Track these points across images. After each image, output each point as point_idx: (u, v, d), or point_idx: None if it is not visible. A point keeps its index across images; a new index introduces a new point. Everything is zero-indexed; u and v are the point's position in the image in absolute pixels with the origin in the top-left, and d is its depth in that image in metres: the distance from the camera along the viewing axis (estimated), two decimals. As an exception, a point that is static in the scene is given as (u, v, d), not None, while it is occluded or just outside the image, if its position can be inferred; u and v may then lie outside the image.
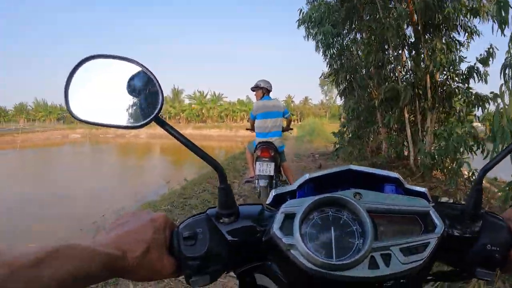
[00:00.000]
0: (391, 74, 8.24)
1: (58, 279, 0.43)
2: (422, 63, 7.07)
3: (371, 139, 10.24)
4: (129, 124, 0.60)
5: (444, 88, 7.01)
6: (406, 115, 7.43)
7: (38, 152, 37.87)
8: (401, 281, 0.54)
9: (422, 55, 7.00)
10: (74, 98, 0.59)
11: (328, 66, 10.40)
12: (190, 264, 0.60)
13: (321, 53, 10.10)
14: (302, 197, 0.68)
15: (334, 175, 0.71)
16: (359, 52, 9.20)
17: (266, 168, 5.21)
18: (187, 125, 62.44)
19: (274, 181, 5.38)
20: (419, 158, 7.03)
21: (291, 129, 6.73)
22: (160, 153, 37.74)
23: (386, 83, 7.58)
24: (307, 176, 0.71)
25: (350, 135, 10.71)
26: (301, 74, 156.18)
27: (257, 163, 5.27)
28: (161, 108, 0.57)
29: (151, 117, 0.57)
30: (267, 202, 0.73)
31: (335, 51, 9.74)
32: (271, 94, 5.89)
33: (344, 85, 10.26)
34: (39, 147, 43.48)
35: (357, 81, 8.89)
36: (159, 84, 0.59)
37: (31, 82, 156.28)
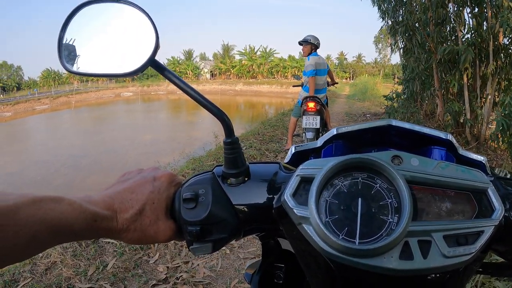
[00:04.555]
0: (451, 34, 7.51)
1: (35, 230, 0.40)
2: (485, 23, 6.34)
3: (426, 102, 9.70)
4: (124, 72, 0.54)
5: (509, 52, 6.25)
6: (465, 79, 6.81)
7: (92, 111, 40.05)
8: (439, 278, 0.42)
9: (486, 13, 6.25)
10: (68, 50, 0.56)
11: (383, 20, 9.73)
12: (190, 230, 0.52)
13: (375, 7, 9.54)
14: (327, 156, 0.57)
15: (369, 131, 0.57)
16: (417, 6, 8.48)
17: (312, 121, 5.50)
18: (238, 80, 62.57)
19: (320, 133, 5.74)
20: (475, 126, 6.59)
21: (336, 83, 7.02)
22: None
23: (445, 43, 7.03)
24: (334, 130, 0.57)
25: (405, 96, 10.22)
26: (354, 30, 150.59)
27: (304, 116, 5.53)
28: (156, 51, 0.51)
29: (145, 61, 0.50)
30: (285, 160, 0.63)
31: (391, 4, 9.09)
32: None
33: (404, 42, 9.48)
34: (92, 106, 45.96)
35: (417, 38, 8.15)
36: (154, 25, 0.52)
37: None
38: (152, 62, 0.50)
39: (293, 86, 7.12)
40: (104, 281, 2.81)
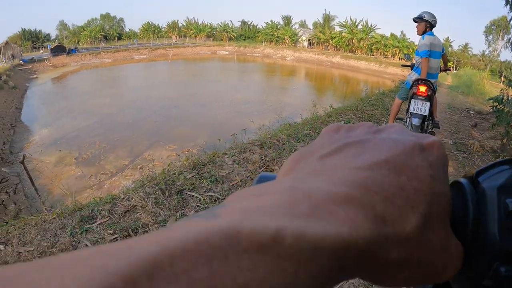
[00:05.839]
0: None
1: None
2: None
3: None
4: None
5: None
6: None
7: (187, 65, 42.30)
8: None
9: None
10: None
11: (507, 4, 8.78)
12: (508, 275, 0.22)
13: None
14: None
15: None
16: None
17: (421, 107, 4.98)
18: (335, 53, 61.03)
19: (426, 122, 5.27)
20: None
21: (449, 69, 6.28)
22: (305, 77, 38.11)
23: None
24: None
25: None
26: (465, 16, 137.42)
27: (413, 100, 5.01)
28: None
29: None
30: None
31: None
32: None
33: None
34: (188, 60, 48.77)
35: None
36: None
37: (183, 2, 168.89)
38: None
39: (402, 65, 6.55)
40: (182, 233, 3.23)
